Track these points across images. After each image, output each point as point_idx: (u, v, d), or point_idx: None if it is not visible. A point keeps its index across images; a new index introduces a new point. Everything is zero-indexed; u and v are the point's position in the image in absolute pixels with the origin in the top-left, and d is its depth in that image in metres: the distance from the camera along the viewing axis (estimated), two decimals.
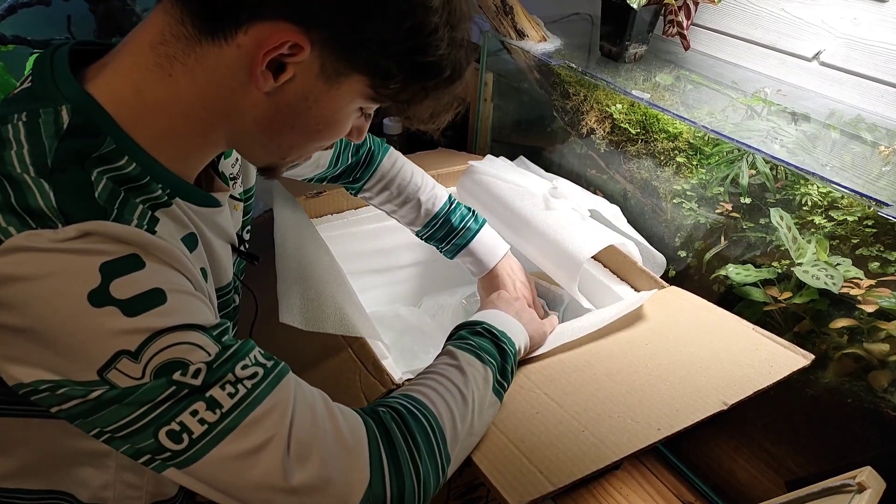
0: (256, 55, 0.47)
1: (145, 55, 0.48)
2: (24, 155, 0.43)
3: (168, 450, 0.45)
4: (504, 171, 1.11)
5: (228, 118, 0.51)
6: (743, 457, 0.95)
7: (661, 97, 0.95)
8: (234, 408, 0.46)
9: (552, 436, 0.64)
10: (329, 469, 0.48)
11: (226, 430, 0.45)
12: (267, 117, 0.51)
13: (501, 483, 0.58)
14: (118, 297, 0.42)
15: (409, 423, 0.54)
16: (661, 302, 0.90)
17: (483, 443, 0.63)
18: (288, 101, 0.50)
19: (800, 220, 0.82)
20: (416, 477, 0.52)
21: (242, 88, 0.49)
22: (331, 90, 0.50)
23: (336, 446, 0.49)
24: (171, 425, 0.44)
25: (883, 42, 0.84)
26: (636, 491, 1.00)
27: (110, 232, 0.43)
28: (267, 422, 0.47)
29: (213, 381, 0.45)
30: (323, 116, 0.52)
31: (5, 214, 0.41)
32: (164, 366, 0.44)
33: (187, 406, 0.44)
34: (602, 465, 0.61)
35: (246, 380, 0.47)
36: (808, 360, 0.76)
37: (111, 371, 0.43)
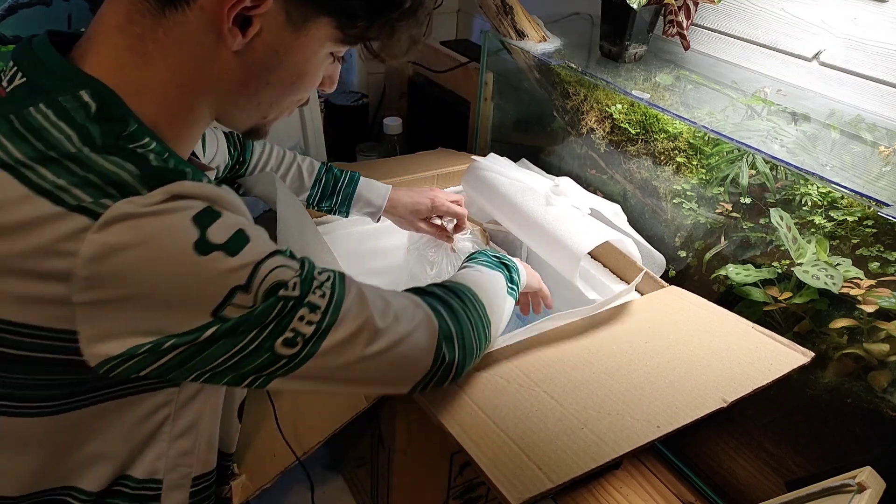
0: (220, 12, 0.47)
1: (116, 38, 0.48)
2: (72, 137, 0.45)
3: (283, 356, 0.50)
4: (507, 169, 1.12)
5: (207, 89, 0.52)
6: (743, 456, 0.95)
7: (661, 97, 0.95)
8: (329, 304, 0.52)
9: (552, 433, 0.64)
10: (409, 323, 0.58)
11: (329, 325, 0.51)
12: (242, 78, 0.52)
13: (501, 480, 0.58)
14: (218, 242, 0.46)
15: (453, 290, 0.66)
16: (661, 301, 0.90)
17: (482, 440, 0.63)
18: (259, 58, 0.51)
19: (800, 220, 0.82)
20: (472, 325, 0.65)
21: (213, 53, 0.49)
22: (299, 38, 0.51)
23: (404, 306, 0.59)
24: (286, 334, 0.49)
25: (883, 42, 0.84)
26: (636, 490, 1.00)
27: (189, 190, 0.46)
28: (356, 307, 0.53)
29: (307, 290, 0.50)
30: (296, 67, 0.53)
31: (89, 188, 0.43)
32: (269, 288, 0.48)
33: (295, 314, 0.49)
34: (602, 462, 0.61)
35: (326, 282, 0.52)
36: (807, 358, 0.76)
37: (227, 308, 0.47)
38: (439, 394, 0.69)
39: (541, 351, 0.77)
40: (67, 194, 0.43)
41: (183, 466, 0.58)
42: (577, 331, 0.81)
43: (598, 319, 0.84)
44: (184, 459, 0.58)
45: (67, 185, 0.43)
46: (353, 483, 1.11)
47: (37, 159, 0.44)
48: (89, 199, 0.43)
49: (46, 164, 0.43)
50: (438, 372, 0.61)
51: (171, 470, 0.58)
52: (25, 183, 0.43)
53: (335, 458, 1.17)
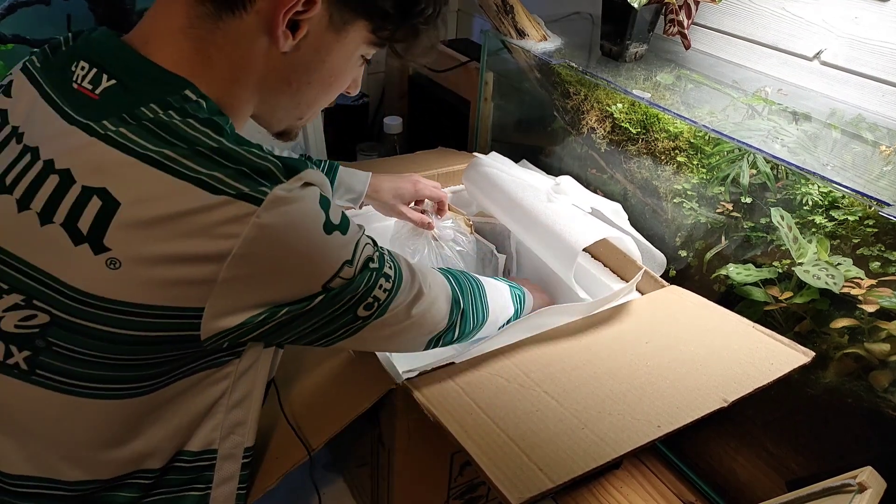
0: (276, 16, 0.51)
1: (181, 41, 0.52)
2: (209, 132, 0.49)
3: (360, 318, 0.58)
4: (508, 167, 1.12)
5: (254, 87, 0.56)
6: (743, 456, 0.95)
7: (662, 96, 0.95)
8: (396, 274, 0.60)
9: (552, 433, 0.64)
10: (437, 288, 0.68)
11: (396, 290, 0.60)
12: (286, 77, 0.57)
13: (501, 480, 0.58)
14: (336, 223, 0.52)
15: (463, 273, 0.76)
16: (661, 301, 0.90)
17: (482, 440, 0.63)
18: (303, 58, 0.55)
19: (800, 219, 0.81)
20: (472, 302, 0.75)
21: (265, 53, 0.54)
22: (339, 39, 0.56)
23: (431, 273, 0.69)
24: (367, 299, 0.57)
25: (884, 41, 0.83)
26: (636, 490, 1.00)
27: (314, 178, 0.51)
28: (410, 274, 0.62)
29: (383, 263, 0.58)
30: (335, 67, 0.58)
31: (244, 178, 0.48)
32: (365, 261, 0.55)
33: (377, 283, 0.57)
34: (602, 462, 0.61)
35: (387, 255, 0.60)
36: (808, 358, 0.76)
37: (335, 280, 0.53)
38: (439, 393, 0.69)
39: (541, 350, 0.77)
40: (225, 184, 0.47)
41: (236, 436, 0.61)
42: (578, 330, 0.81)
43: (598, 319, 0.84)
44: (237, 429, 0.61)
45: (223, 177, 0.47)
46: (353, 483, 1.11)
47: (185, 154, 0.47)
48: (247, 188, 0.47)
49: (195, 158, 0.47)
50: (444, 334, 0.70)
51: (225, 439, 0.61)
52: (179, 176, 0.46)
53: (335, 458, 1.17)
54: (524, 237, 1.04)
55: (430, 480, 0.90)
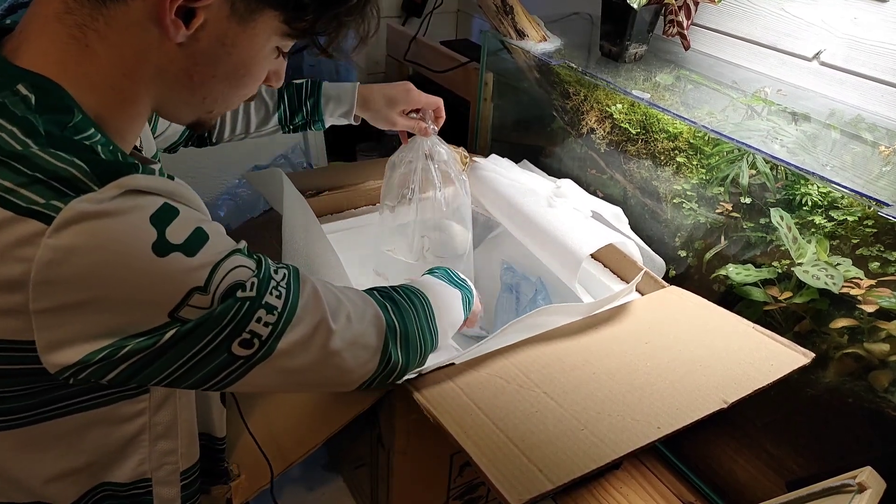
0: (163, 4, 0.45)
1: (55, 29, 0.46)
2: (16, 133, 0.42)
3: (240, 358, 0.50)
4: (508, 170, 1.12)
5: (150, 80, 0.50)
6: (743, 457, 0.95)
7: (662, 97, 0.95)
8: (285, 305, 0.52)
9: (551, 434, 0.64)
10: (360, 322, 0.59)
11: (284, 326, 0.52)
12: (187, 70, 0.50)
13: (501, 481, 0.58)
14: (177, 242, 0.45)
15: (407, 290, 0.68)
16: (660, 301, 0.90)
17: (482, 441, 0.63)
18: (204, 50, 0.50)
19: (800, 219, 0.81)
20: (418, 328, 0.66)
21: (157, 44, 0.48)
22: (246, 30, 0.50)
23: (356, 304, 0.60)
24: (243, 335, 0.49)
25: (883, 42, 0.84)
26: (636, 491, 1.00)
27: (143, 184, 0.44)
28: (311, 307, 0.54)
29: (264, 290, 0.50)
30: (243, 60, 0.52)
31: (38, 189, 0.41)
32: (228, 289, 0.48)
33: (252, 315, 0.49)
34: (601, 463, 0.61)
35: (282, 281, 0.52)
36: (808, 359, 0.76)
37: (184, 309, 0.46)
38: (439, 394, 0.69)
39: (541, 351, 0.77)
40: (16, 196, 0.41)
41: (168, 464, 0.58)
42: (577, 330, 0.81)
43: (597, 319, 0.84)
44: (168, 458, 0.58)
45: (15, 187, 0.41)
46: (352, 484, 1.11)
47: None
48: (41, 201, 0.41)
49: None
50: (384, 372, 0.63)
51: (157, 469, 0.58)
52: None
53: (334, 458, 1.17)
54: (526, 243, 1.04)
55: (430, 481, 0.90)
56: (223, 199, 1.34)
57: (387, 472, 0.87)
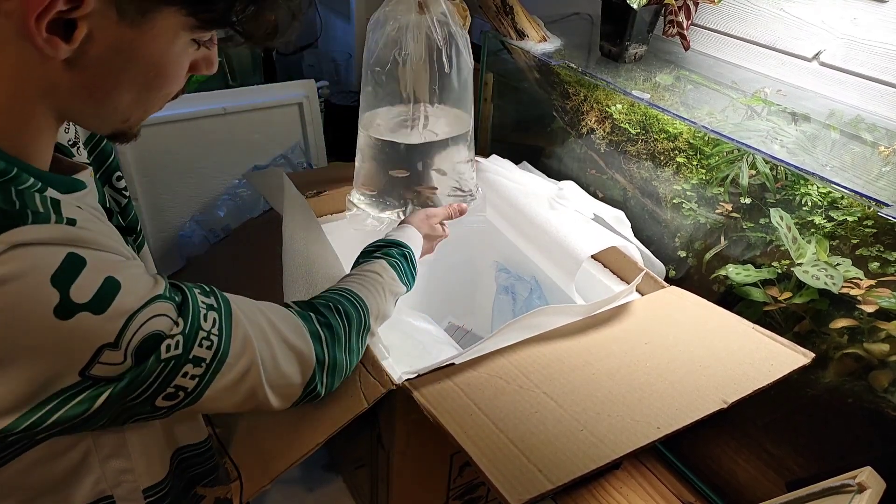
0: (28, 22, 0.39)
1: None
2: None
3: (164, 408, 0.49)
4: (509, 171, 1.12)
5: (42, 98, 0.44)
6: (743, 457, 0.95)
7: (661, 97, 0.95)
8: (215, 355, 0.51)
9: (551, 435, 0.64)
10: (288, 364, 0.59)
11: (213, 375, 0.51)
12: (84, 85, 0.45)
13: (501, 481, 0.58)
14: (82, 301, 0.41)
15: (343, 311, 0.67)
16: (660, 301, 0.90)
17: (482, 441, 0.63)
18: (98, 62, 0.44)
19: (800, 220, 0.81)
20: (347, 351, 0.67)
21: (39, 62, 0.42)
22: (143, 33, 0.44)
23: (287, 342, 0.59)
24: (167, 390, 0.48)
25: (883, 42, 0.84)
26: (636, 491, 1.00)
27: (37, 237, 0.40)
28: (241, 354, 0.53)
29: (191, 345, 0.48)
30: (149, 63, 0.46)
31: None
32: (143, 341, 0.45)
33: (178, 371, 0.48)
34: (601, 463, 0.61)
35: (213, 328, 0.50)
36: (808, 359, 0.76)
37: (94, 367, 0.43)
38: (439, 394, 0.69)
39: (541, 351, 0.77)
40: None
41: (126, 482, 0.57)
42: (577, 330, 0.81)
43: (597, 319, 0.84)
44: (124, 476, 0.56)
45: None
46: (352, 484, 1.11)
47: None
48: None
49: None
50: (303, 400, 0.63)
51: (115, 486, 0.56)
52: None
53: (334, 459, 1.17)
54: (525, 246, 1.04)
55: (430, 481, 0.90)
56: (223, 200, 1.34)
57: (387, 473, 0.87)
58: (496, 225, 1.12)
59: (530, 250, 1.03)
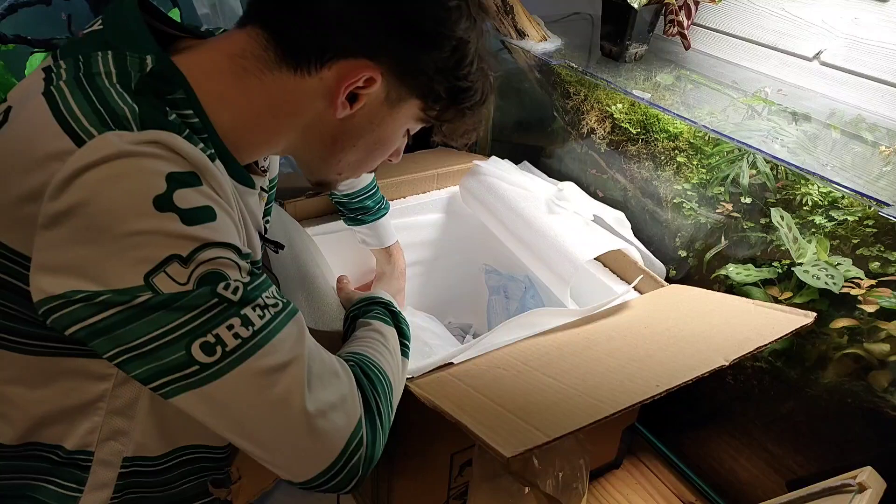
0: (338, 88, 0.55)
1: (222, 61, 0.54)
2: (112, 76, 0.48)
3: (197, 363, 0.46)
4: (508, 173, 1.12)
5: (296, 131, 0.58)
6: (744, 456, 0.95)
7: (662, 97, 0.95)
8: (264, 327, 0.48)
9: (550, 402, 0.62)
10: (337, 394, 0.52)
11: (256, 346, 0.48)
12: (334, 136, 0.59)
13: (494, 439, 0.55)
14: (179, 206, 0.45)
15: (370, 376, 0.59)
16: (660, 295, 0.90)
17: (478, 413, 0.61)
18: (356, 124, 0.59)
19: (800, 219, 0.81)
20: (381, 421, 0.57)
21: (317, 111, 0.57)
22: (392, 113, 0.59)
23: (339, 378, 0.54)
24: (206, 337, 0.46)
25: (883, 42, 0.84)
26: (636, 490, 1.00)
27: (178, 146, 0.46)
28: (290, 342, 0.50)
29: (247, 301, 0.48)
30: (382, 137, 0.62)
31: (89, 115, 0.45)
32: (208, 274, 0.46)
33: (225, 319, 0.46)
34: (600, 417, 0.58)
35: (271, 307, 0.50)
36: (809, 319, 0.74)
37: (159, 275, 0.44)
38: (437, 383, 0.68)
39: (540, 343, 0.77)
40: (72, 115, 0.45)
41: (115, 443, 0.56)
42: (576, 325, 0.81)
43: (596, 314, 0.84)
44: (116, 437, 0.56)
45: (75, 107, 0.45)
46: None
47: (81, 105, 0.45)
48: (85, 125, 0.44)
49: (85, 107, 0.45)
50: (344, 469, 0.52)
51: (102, 443, 0.56)
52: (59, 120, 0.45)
53: None
54: (521, 252, 1.03)
55: (430, 481, 0.90)
56: None
57: (387, 472, 0.87)
58: (489, 227, 1.12)
59: (526, 256, 1.03)
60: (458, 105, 0.61)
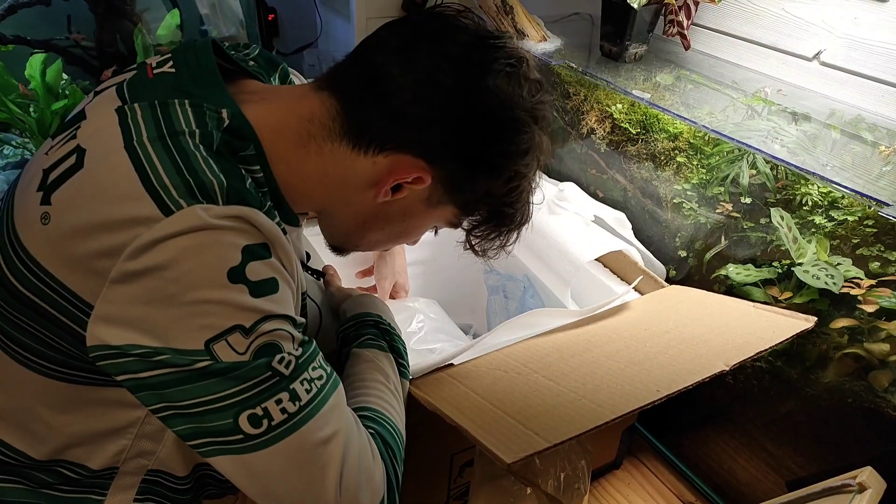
0: (387, 178, 0.56)
1: (290, 119, 0.56)
2: (196, 136, 0.49)
3: (242, 432, 0.47)
4: None
5: (335, 201, 0.60)
6: (743, 457, 0.95)
7: (662, 97, 0.95)
8: (310, 402, 0.49)
9: (549, 406, 0.62)
10: (367, 473, 0.52)
11: (301, 422, 0.48)
12: (367, 216, 0.60)
13: (494, 444, 0.56)
14: (250, 278, 0.46)
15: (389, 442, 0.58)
16: (660, 296, 0.90)
17: (478, 417, 0.61)
18: (390, 211, 0.60)
19: (800, 219, 0.81)
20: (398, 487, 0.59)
21: (360, 190, 0.58)
22: (427, 212, 0.61)
23: (370, 457, 0.54)
24: (255, 409, 0.47)
25: (883, 42, 0.84)
26: (636, 491, 1.00)
27: (258, 221, 0.47)
28: (331, 418, 0.50)
29: (297, 375, 0.49)
30: (409, 229, 0.63)
31: (178, 186, 0.46)
32: (265, 346, 0.47)
33: (275, 394, 0.47)
34: (600, 422, 0.58)
35: (317, 380, 0.51)
36: (810, 324, 0.74)
37: (220, 342, 0.46)
38: (436, 385, 0.68)
39: (538, 344, 0.77)
40: (158, 180, 0.46)
41: (142, 459, 0.57)
42: (575, 326, 0.81)
43: (596, 315, 0.84)
44: (143, 455, 0.57)
45: (163, 172, 0.46)
46: None
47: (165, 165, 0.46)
48: (173, 194, 0.45)
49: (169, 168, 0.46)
50: None
51: (129, 461, 0.57)
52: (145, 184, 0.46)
53: None
54: (522, 252, 1.03)
55: (430, 481, 0.90)
56: None
57: None
58: None
59: (526, 256, 1.03)
60: (494, 225, 0.63)
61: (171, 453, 0.58)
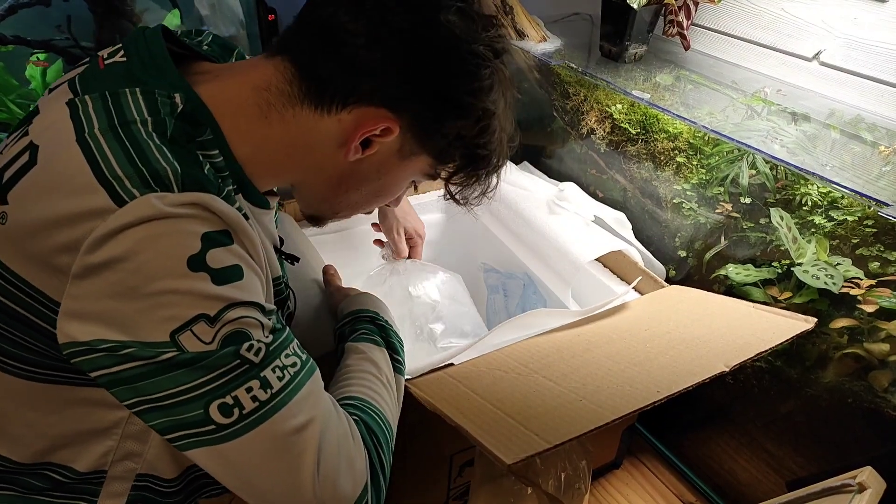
0: (354, 133, 0.55)
1: (245, 92, 0.54)
2: (148, 124, 0.48)
3: (214, 423, 0.46)
4: (508, 174, 1.12)
5: (306, 170, 0.58)
6: (743, 457, 0.95)
7: (661, 97, 0.95)
8: (282, 390, 0.48)
9: (550, 407, 0.62)
10: (347, 459, 0.51)
11: (273, 410, 0.48)
12: (341, 178, 0.59)
13: (494, 444, 0.56)
14: (211, 266, 0.46)
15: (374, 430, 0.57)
16: (660, 296, 0.90)
17: (478, 418, 0.61)
18: (364, 169, 0.59)
19: (800, 219, 0.82)
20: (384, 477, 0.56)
21: (330, 152, 0.56)
22: (402, 164, 0.59)
23: (349, 440, 0.52)
24: (224, 399, 0.46)
25: (883, 42, 0.84)
26: (636, 491, 1.00)
27: (216, 207, 0.47)
28: (305, 405, 0.49)
29: (268, 362, 0.48)
30: (387, 185, 0.62)
31: (131, 176, 0.45)
32: (232, 334, 0.46)
33: (245, 382, 0.47)
34: (601, 423, 0.58)
35: (290, 367, 0.50)
36: (810, 325, 0.74)
37: (185, 333, 0.45)
38: (436, 386, 0.69)
39: (538, 344, 0.77)
40: (110, 170, 0.45)
41: (129, 462, 0.57)
42: (575, 326, 0.81)
43: (596, 315, 0.84)
44: (130, 458, 0.57)
45: (115, 162, 0.45)
46: None
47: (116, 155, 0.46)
48: (123, 185, 0.44)
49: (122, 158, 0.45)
50: None
51: (116, 464, 0.57)
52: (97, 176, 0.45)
53: None
54: (522, 252, 1.03)
55: (430, 481, 0.90)
56: None
57: None
58: (488, 226, 1.12)
59: (527, 256, 1.03)
60: (471, 170, 0.62)
61: (158, 455, 0.57)
